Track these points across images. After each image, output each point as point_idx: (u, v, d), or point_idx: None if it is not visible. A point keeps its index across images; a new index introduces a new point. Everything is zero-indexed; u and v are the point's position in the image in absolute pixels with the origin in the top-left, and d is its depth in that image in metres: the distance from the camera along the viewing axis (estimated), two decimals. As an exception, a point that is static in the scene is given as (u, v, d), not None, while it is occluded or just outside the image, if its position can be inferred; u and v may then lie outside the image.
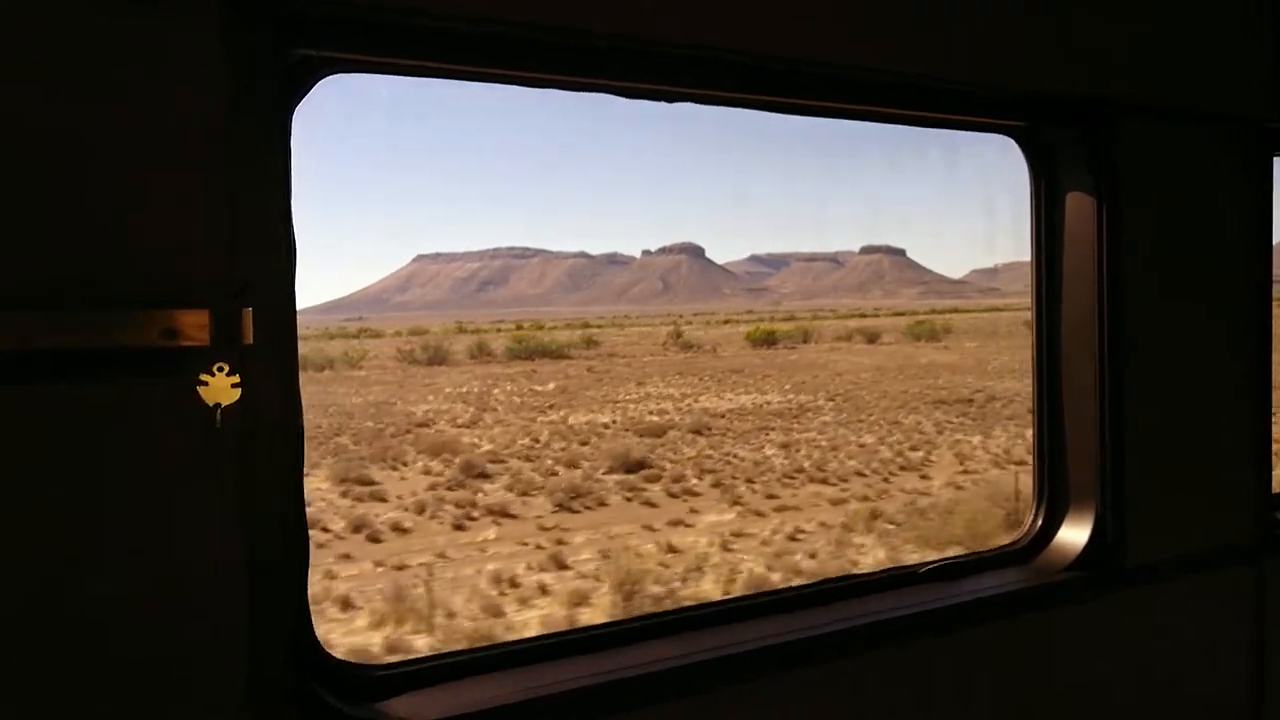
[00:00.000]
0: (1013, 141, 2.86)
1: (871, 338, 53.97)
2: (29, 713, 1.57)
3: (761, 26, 2.16)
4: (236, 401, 1.65)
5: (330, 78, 1.94)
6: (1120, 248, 2.64)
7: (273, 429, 1.74)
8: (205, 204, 1.63)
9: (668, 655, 2.15)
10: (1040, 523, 2.78)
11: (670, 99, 2.27)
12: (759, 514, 18.35)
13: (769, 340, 52.33)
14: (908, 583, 2.60)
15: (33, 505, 1.54)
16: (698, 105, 2.47)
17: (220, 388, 1.65)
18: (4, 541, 1.53)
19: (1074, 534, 2.73)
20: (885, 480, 21.24)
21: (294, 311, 1.80)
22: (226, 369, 1.64)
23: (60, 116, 1.53)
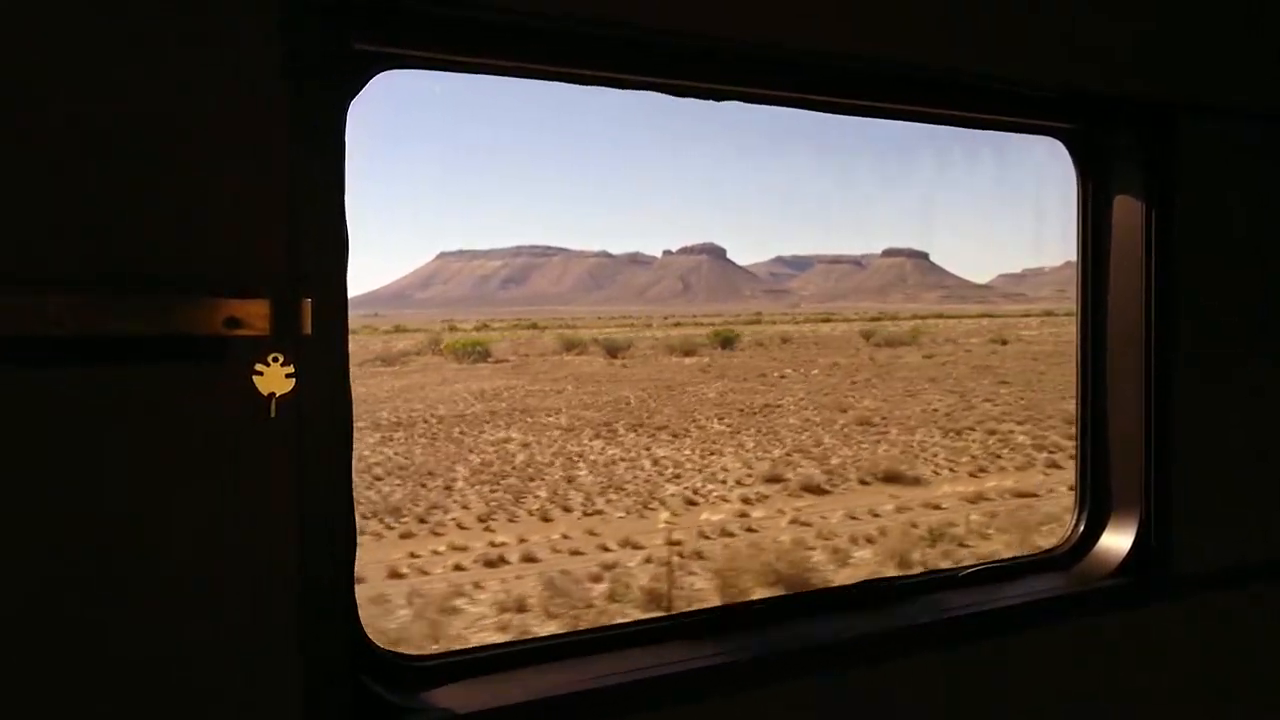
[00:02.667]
0: (1049, 144, 2.83)
1: (613, 351, 46.82)
2: (81, 707, 1.58)
3: (809, 24, 2.16)
4: (290, 391, 1.66)
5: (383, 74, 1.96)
6: (1172, 249, 2.62)
7: (324, 420, 1.75)
8: (266, 196, 1.64)
9: (710, 653, 2.15)
10: (1083, 528, 2.76)
11: (719, 97, 2.27)
12: None
13: (480, 354, 45.74)
14: (948, 586, 2.59)
15: (93, 486, 1.56)
16: (729, 106, 2.45)
17: (275, 377, 1.66)
18: (62, 520, 1.55)
19: (1117, 540, 2.70)
20: None
21: (345, 304, 1.81)
22: (281, 359, 1.65)
23: (129, 109, 1.56)
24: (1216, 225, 2.73)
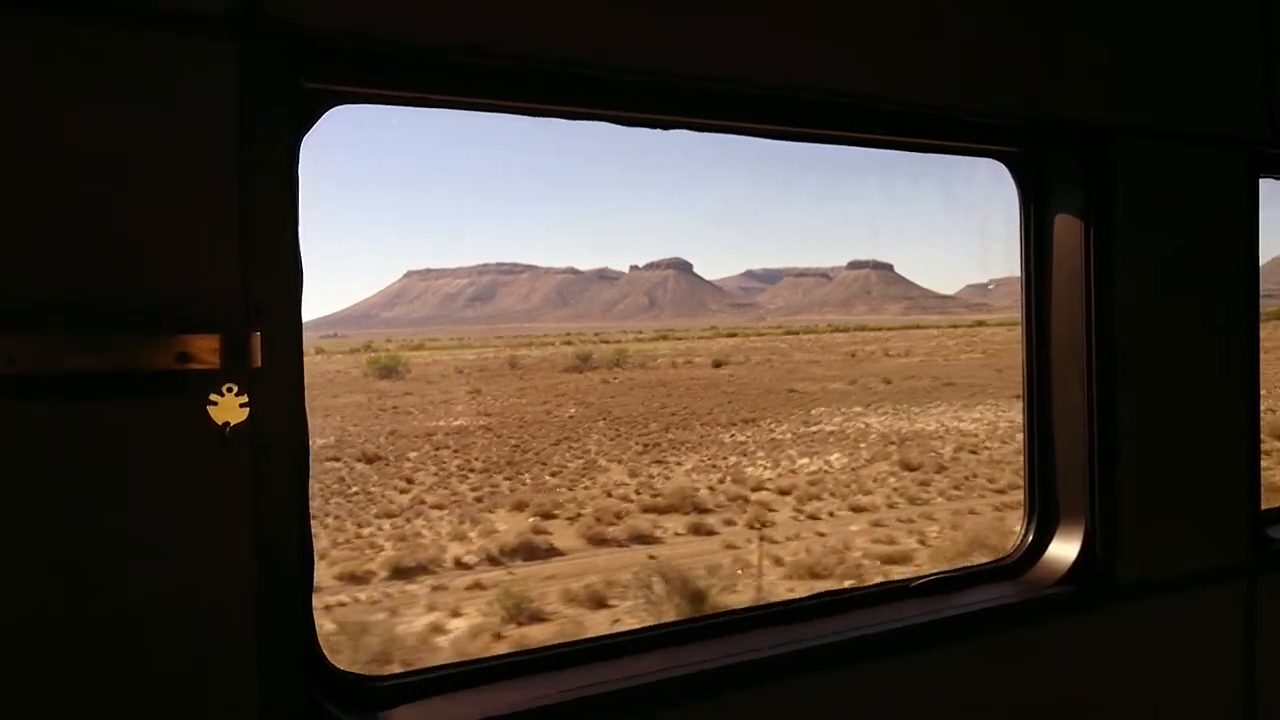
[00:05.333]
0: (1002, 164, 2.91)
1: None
2: None
3: (754, 55, 2.21)
4: (244, 421, 1.69)
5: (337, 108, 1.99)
6: (1110, 268, 2.70)
7: (279, 447, 1.78)
8: (219, 232, 1.67)
9: (661, 667, 2.19)
10: (1031, 538, 2.83)
11: (667, 127, 2.33)
12: None
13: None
14: (898, 597, 2.65)
15: (50, 519, 1.57)
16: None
17: (229, 408, 1.69)
18: (21, 553, 1.56)
19: (1064, 549, 2.77)
20: None
21: (300, 335, 1.85)
22: (235, 389, 1.68)
23: (80, 146, 1.58)
24: (1155, 243, 2.82)
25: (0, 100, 1.53)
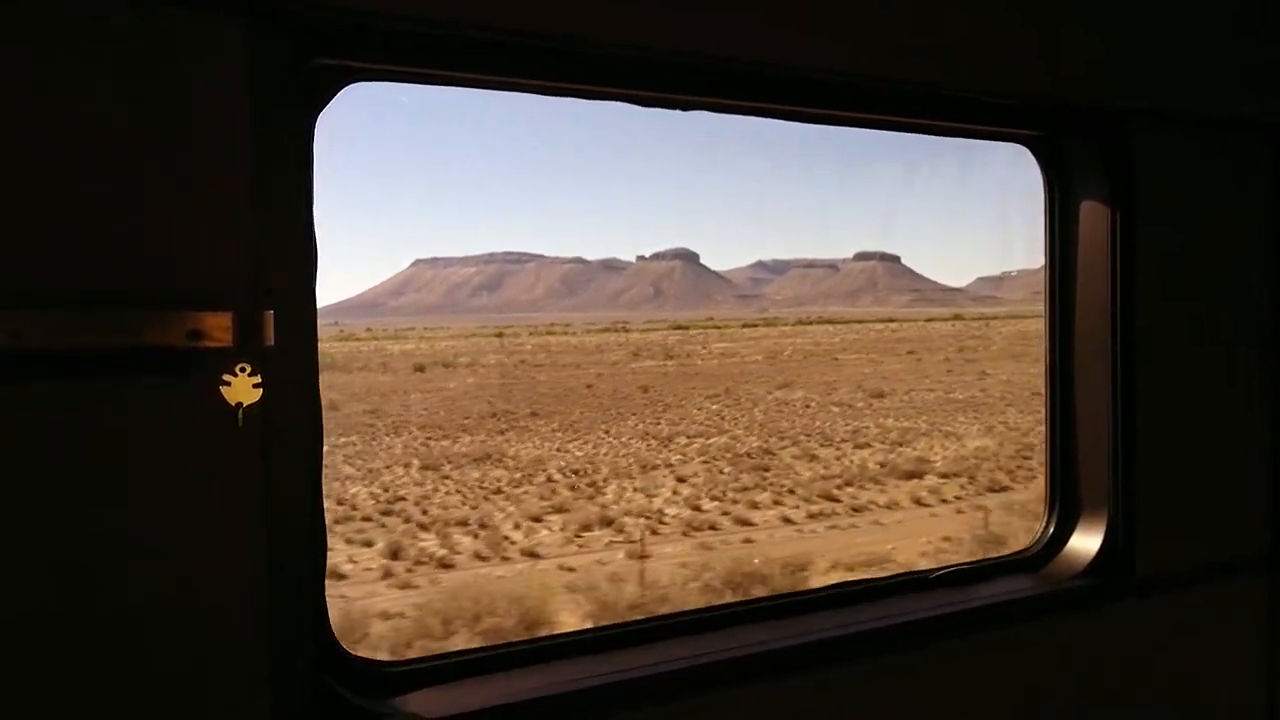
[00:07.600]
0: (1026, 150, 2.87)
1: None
2: (53, 712, 1.57)
3: (776, 37, 2.18)
4: (257, 401, 1.66)
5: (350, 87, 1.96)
6: (1134, 254, 2.66)
7: (293, 428, 1.75)
8: (230, 210, 1.65)
9: (679, 656, 2.17)
10: (1052, 529, 2.80)
11: (685, 107, 2.30)
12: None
13: None
14: (919, 588, 2.62)
15: (61, 499, 1.54)
16: (712, 115, 2.47)
17: (242, 387, 1.67)
18: (31, 535, 1.53)
19: (1086, 541, 2.74)
20: None
21: (314, 314, 1.83)
22: (249, 369, 1.65)
23: (92, 126, 1.55)
24: (1177, 230, 2.78)
25: (12, 80, 1.50)
